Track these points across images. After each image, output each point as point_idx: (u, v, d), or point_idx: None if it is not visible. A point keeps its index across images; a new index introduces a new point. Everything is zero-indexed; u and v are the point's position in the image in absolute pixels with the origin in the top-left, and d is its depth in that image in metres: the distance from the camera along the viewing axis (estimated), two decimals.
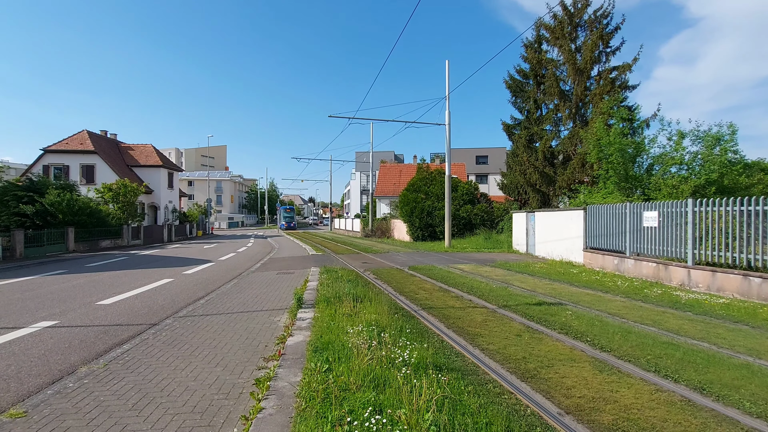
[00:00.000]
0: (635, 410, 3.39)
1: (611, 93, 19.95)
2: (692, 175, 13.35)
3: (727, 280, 8.44)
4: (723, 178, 12.77)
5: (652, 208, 10.73)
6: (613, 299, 8.16)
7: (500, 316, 6.64)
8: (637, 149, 14.64)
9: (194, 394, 3.72)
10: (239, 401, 3.59)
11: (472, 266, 13.46)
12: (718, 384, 3.90)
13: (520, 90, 25.07)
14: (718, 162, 12.77)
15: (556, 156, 23.17)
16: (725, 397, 3.64)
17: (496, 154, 51.08)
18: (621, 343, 5.15)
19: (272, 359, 4.61)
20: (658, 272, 10.23)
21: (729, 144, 12.92)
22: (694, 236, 9.36)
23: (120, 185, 28.03)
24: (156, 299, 8.55)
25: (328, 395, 3.33)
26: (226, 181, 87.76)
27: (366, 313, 6.12)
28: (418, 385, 3.31)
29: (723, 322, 6.35)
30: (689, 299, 7.98)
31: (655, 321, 6.36)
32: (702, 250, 9.18)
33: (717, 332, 5.76)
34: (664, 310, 7.22)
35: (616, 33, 21.24)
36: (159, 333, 5.84)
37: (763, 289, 7.73)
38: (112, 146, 36.66)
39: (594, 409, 3.42)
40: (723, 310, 7.09)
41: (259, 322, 6.41)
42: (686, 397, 3.64)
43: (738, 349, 5.01)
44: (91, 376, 4.21)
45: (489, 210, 26.31)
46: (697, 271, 9.13)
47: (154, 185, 36.36)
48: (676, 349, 4.91)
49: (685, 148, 13.77)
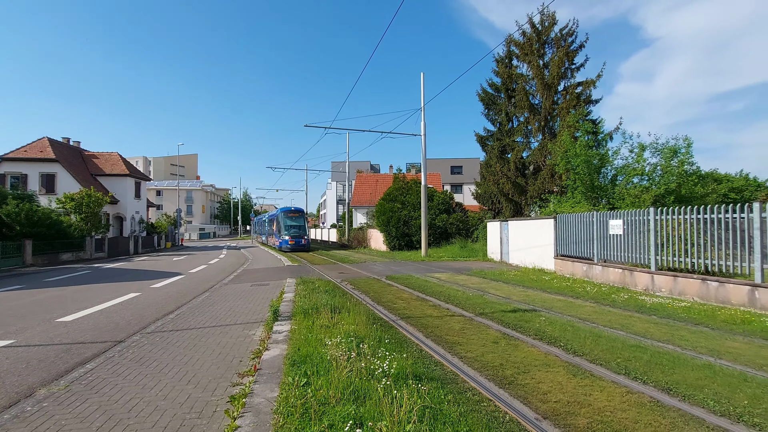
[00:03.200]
0: (608, 413, 3.50)
1: (577, 107, 20.88)
2: (653, 185, 14.09)
3: (687, 285, 8.89)
4: (681, 188, 13.54)
5: (617, 216, 11.22)
6: (584, 304, 8.43)
7: (477, 324, 6.73)
8: (601, 161, 15.33)
9: (164, 414, 3.56)
10: (213, 420, 3.45)
11: (448, 275, 13.59)
12: (683, 384, 4.08)
13: (492, 103, 25.82)
14: (675, 173, 13.55)
15: (527, 167, 23.91)
16: (691, 396, 3.81)
17: (470, 165, 52.16)
18: (592, 347, 5.32)
19: (248, 374, 4.48)
20: (624, 278, 10.66)
21: (685, 156, 13.74)
22: (656, 243, 9.83)
23: (83, 195, 26.74)
24: (122, 315, 8.16)
25: (307, 410, 3.26)
26: (197, 191, 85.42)
27: (344, 324, 6.06)
28: (399, 396, 3.30)
29: (685, 325, 6.67)
30: (654, 303, 8.34)
31: (623, 325, 6.61)
32: (664, 256, 9.65)
33: (680, 334, 6.04)
34: (631, 314, 7.52)
35: (580, 51, 22.34)
36: (125, 350, 5.57)
37: (720, 293, 8.18)
38: (75, 154, 35.04)
39: (569, 413, 3.50)
40: (685, 313, 7.45)
41: (233, 336, 6.22)
42: (655, 398, 3.79)
43: (700, 350, 5.27)
44: (52, 398, 3.95)
45: (464, 219, 26.75)
46: (660, 276, 9.58)
47: (120, 195, 34.92)
48: (644, 352, 5.11)
49: (646, 159, 14.55)
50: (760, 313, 7.18)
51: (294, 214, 31.17)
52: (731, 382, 4.14)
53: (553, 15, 22.84)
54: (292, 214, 31.08)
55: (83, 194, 26.83)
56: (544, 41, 23.16)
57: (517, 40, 24.06)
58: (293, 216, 30.95)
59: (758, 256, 7.63)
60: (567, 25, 22.63)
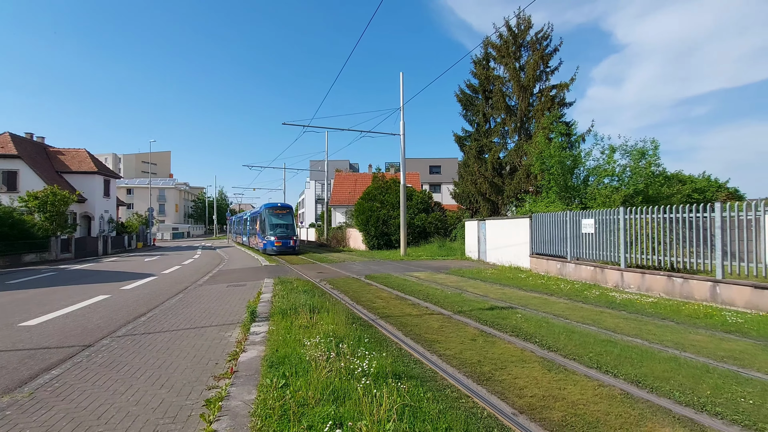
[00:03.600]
0: (581, 406, 3.61)
1: (551, 109, 21.44)
2: (622, 185, 14.62)
3: (654, 281, 9.28)
4: (648, 189, 14.11)
5: (589, 216, 11.59)
6: (558, 301, 8.67)
7: (456, 322, 6.81)
8: (574, 162, 15.79)
9: (136, 420, 3.44)
10: (188, 425, 3.36)
11: (427, 274, 13.70)
12: (651, 377, 4.26)
13: (470, 104, 26.17)
14: (644, 174, 14.11)
15: (504, 167, 24.37)
16: (658, 388, 3.98)
17: (448, 164, 52.71)
18: (566, 343, 5.48)
19: (224, 377, 4.39)
20: (596, 275, 11.03)
21: (653, 158, 14.33)
22: (625, 242, 10.21)
23: (47, 193, 25.49)
24: (90, 318, 7.83)
25: (286, 412, 3.22)
26: (170, 189, 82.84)
27: (323, 324, 6.02)
28: (378, 395, 3.31)
29: (652, 319, 6.96)
30: (623, 299, 8.67)
31: (594, 320, 6.84)
32: (632, 254, 10.04)
33: (648, 329, 6.30)
34: (602, 310, 7.79)
35: (554, 54, 22.90)
36: (94, 355, 5.35)
37: (684, 288, 8.58)
38: (39, 150, 33.35)
39: (545, 407, 3.59)
40: (652, 309, 7.77)
41: (209, 338, 6.08)
42: (625, 390, 3.94)
43: (666, 343, 5.51)
44: (15, 406, 3.76)
45: (443, 218, 27.01)
46: (629, 273, 9.96)
47: (88, 193, 33.47)
48: (614, 346, 5.30)
49: (616, 161, 15.08)
50: (720, 308, 7.57)
51: (281, 211, 26.30)
52: (695, 374, 4.35)
53: (528, 19, 23.35)
54: (278, 211, 26.22)
55: (48, 192, 25.57)
56: (520, 44, 23.64)
57: (494, 43, 24.47)
58: (280, 213, 26.19)
59: (719, 254, 8.04)
60: (542, 29, 23.17)
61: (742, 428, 3.24)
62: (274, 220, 25.85)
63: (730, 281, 7.81)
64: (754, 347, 5.35)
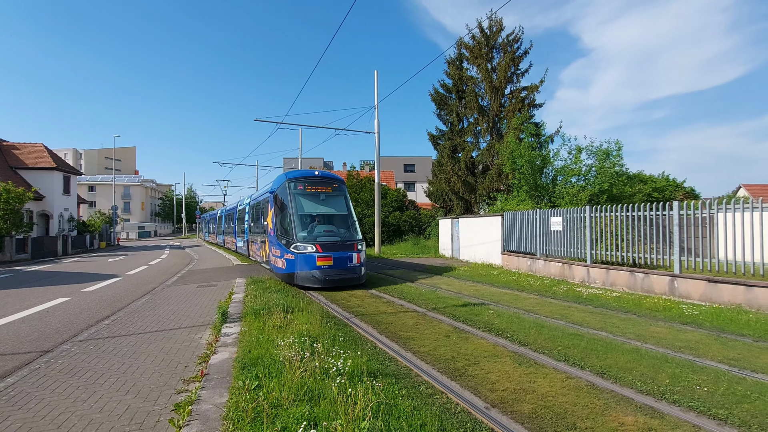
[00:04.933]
0: (550, 398, 3.74)
1: (522, 110, 22.00)
2: (588, 185, 15.19)
3: (618, 276, 9.70)
4: (612, 188, 14.73)
5: (557, 214, 11.98)
6: (528, 297, 8.92)
7: (430, 319, 6.89)
8: (543, 161, 16.28)
9: (100, 428, 3.29)
10: (156, 430, 3.25)
11: (401, 271, 13.78)
12: (615, 368, 4.46)
13: (444, 103, 26.47)
14: (608, 174, 14.72)
15: (477, 166, 24.82)
16: (621, 378, 4.17)
17: (423, 163, 53.13)
18: (536, 337, 5.65)
19: (194, 381, 4.26)
20: (564, 271, 11.43)
21: (617, 158, 14.96)
22: (591, 239, 10.63)
23: (1, 191, 23.93)
24: (49, 322, 7.42)
25: (259, 414, 3.16)
26: (136, 186, 79.46)
27: (297, 323, 5.95)
28: (353, 393, 3.30)
29: (616, 313, 7.28)
30: (589, 294, 9.02)
31: (563, 315, 7.09)
32: (598, 250, 10.46)
33: (612, 322, 6.59)
34: (570, 304, 8.08)
35: (525, 56, 23.49)
36: (54, 361, 5.08)
37: (646, 283, 9.02)
38: None
39: (516, 400, 3.70)
40: (616, 302, 8.13)
41: (178, 341, 5.89)
42: (591, 381, 4.11)
43: (629, 335, 5.78)
44: None
45: (417, 216, 27.23)
46: (595, 269, 10.37)
47: (46, 190, 31.61)
48: (581, 339, 5.52)
49: (583, 161, 15.66)
50: (678, 301, 8.01)
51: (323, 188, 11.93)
52: (655, 364, 4.58)
53: (500, 21, 23.82)
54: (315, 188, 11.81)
55: (1, 190, 24.00)
56: (492, 46, 24.10)
57: (467, 44, 24.84)
58: (320, 191, 11.89)
59: (677, 249, 8.50)
60: (513, 31, 23.71)
61: (697, 414, 3.44)
62: (311, 205, 11.62)
63: (686, 275, 8.27)
64: (708, 337, 5.69)
